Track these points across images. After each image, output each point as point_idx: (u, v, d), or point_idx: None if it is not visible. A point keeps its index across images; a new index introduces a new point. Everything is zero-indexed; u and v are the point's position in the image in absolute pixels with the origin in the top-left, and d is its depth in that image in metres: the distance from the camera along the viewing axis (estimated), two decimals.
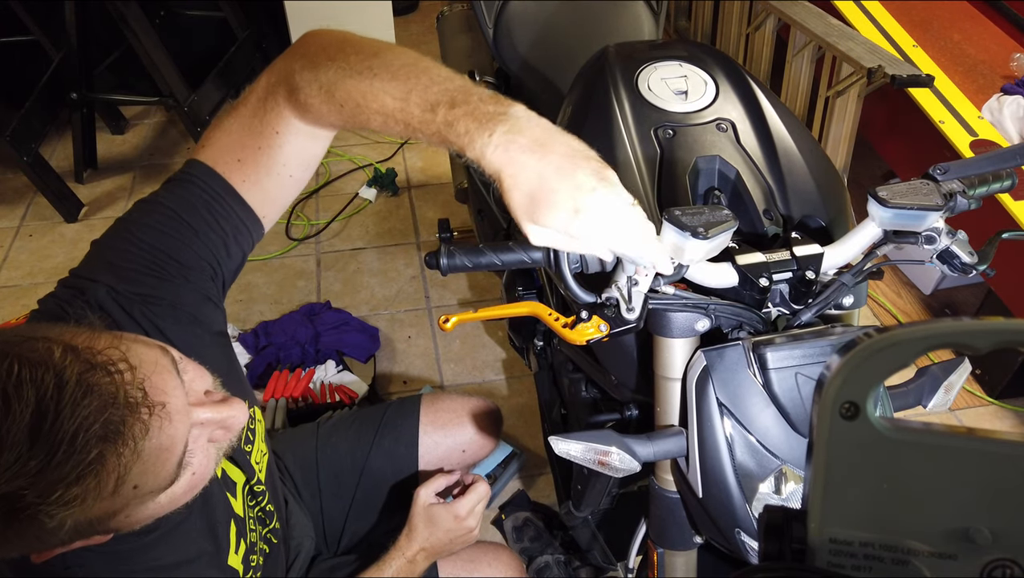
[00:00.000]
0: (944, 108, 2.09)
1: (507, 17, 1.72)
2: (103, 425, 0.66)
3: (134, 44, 2.65)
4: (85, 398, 0.65)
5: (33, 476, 0.63)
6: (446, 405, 1.48)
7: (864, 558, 0.45)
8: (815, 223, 1.06)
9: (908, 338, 0.41)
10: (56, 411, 0.64)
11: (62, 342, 0.68)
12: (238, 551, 1.02)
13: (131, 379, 0.69)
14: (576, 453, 0.96)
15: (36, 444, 0.63)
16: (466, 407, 1.47)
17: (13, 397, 0.63)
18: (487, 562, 1.32)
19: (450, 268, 0.90)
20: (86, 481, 0.65)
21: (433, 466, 1.42)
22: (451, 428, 1.44)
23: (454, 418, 1.45)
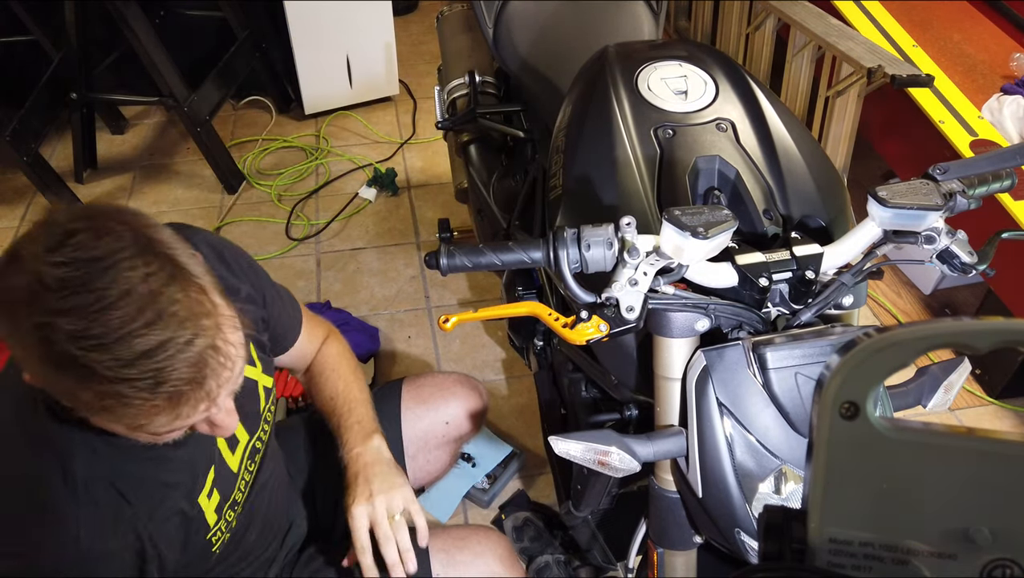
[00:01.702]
0: (944, 108, 2.09)
1: (507, 17, 1.72)
2: (192, 365, 0.79)
3: (134, 44, 2.65)
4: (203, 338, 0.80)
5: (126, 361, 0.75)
6: (428, 381, 1.48)
7: (864, 558, 0.45)
8: (815, 223, 1.06)
9: (908, 338, 0.41)
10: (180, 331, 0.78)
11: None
12: (211, 497, 1.05)
13: (237, 354, 0.84)
14: (576, 453, 0.96)
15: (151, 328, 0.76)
16: (448, 382, 1.48)
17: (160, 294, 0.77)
18: (476, 541, 1.31)
19: (450, 268, 0.90)
20: (154, 391, 0.77)
21: (417, 440, 1.42)
22: (433, 401, 1.44)
23: (436, 392, 1.45)
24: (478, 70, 1.87)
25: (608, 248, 0.89)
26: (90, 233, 0.77)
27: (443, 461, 1.47)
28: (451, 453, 1.49)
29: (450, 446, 1.47)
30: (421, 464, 1.44)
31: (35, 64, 2.90)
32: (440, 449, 1.46)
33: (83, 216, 0.78)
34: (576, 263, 0.89)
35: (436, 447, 1.45)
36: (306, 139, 3.19)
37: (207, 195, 2.93)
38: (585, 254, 0.88)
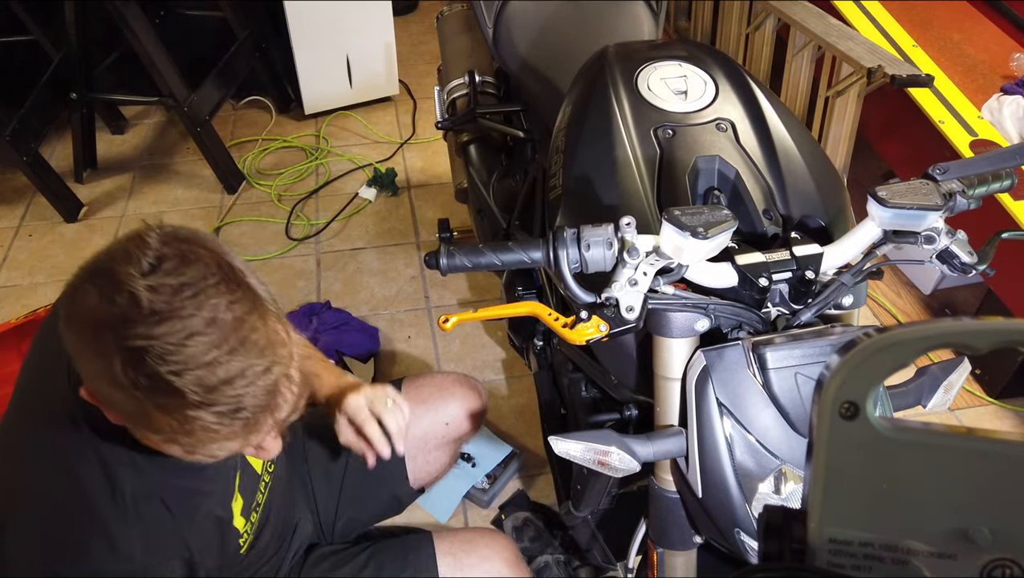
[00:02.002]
0: (944, 108, 2.09)
1: (507, 17, 1.72)
2: (268, 393, 0.81)
3: (134, 44, 2.65)
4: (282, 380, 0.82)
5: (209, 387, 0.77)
6: (427, 381, 1.48)
7: (864, 558, 0.45)
8: (815, 223, 1.06)
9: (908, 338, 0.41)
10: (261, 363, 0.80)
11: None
12: (238, 500, 1.08)
13: (301, 381, 0.86)
14: (576, 453, 0.96)
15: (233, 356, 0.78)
16: (448, 382, 1.48)
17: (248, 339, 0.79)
18: (483, 544, 1.31)
19: (450, 268, 0.90)
20: (231, 417, 0.79)
21: (417, 441, 1.42)
22: (432, 402, 1.44)
23: (435, 393, 1.45)
24: (478, 70, 1.87)
25: (608, 248, 0.89)
26: (177, 260, 0.78)
27: (443, 462, 1.47)
28: (451, 453, 1.49)
29: (450, 447, 1.47)
30: (421, 464, 1.44)
31: (35, 64, 2.90)
32: (440, 450, 1.46)
33: (172, 240, 0.80)
34: (576, 263, 0.89)
35: (436, 448, 1.45)
36: (306, 139, 3.19)
37: (207, 195, 2.93)
38: (585, 254, 0.88)
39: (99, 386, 0.81)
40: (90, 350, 0.78)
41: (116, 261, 0.78)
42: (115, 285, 0.76)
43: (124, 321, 0.75)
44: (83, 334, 0.79)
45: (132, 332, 0.75)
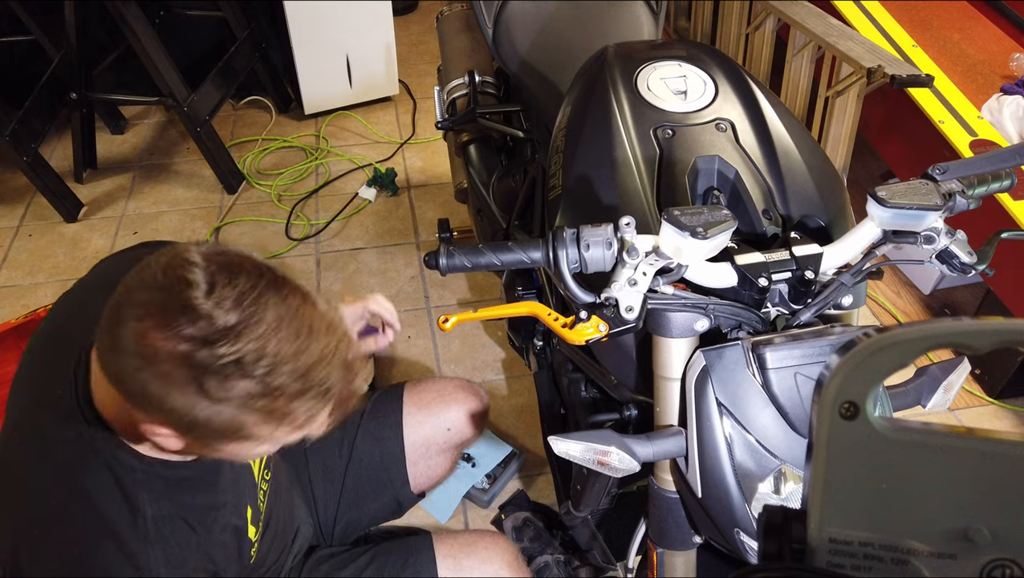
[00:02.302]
0: (944, 108, 2.09)
1: (507, 17, 1.72)
2: (345, 367, 0.86)
3: (134, 44, 2.65)
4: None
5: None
6: (430, 386, 1.49)
7: (864, 558, 0.45)
8: (814, 223, 1.06)
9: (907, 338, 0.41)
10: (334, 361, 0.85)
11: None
12: (247, 508, 1.10)
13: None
14: (575, 453, 0.96)
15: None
16: (450, 387, 1.48)
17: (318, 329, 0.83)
18: (484, 546, 1.31)
19: (449, 268, 0.90)
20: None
21: (419, 447, 1.43)
22: (435, 407, 1.45)
23: (437, 398, 1.46)
24: (478, 70, 1.87)
25: (607, 248, 0.89)
26: (226, 272, 0.80)
27: (444, 467, 1.48)
28: (452, 459, 1.49)
29: (451, 452, 1.48)
30: (422, 469, 1.45)
31: (35, 64, 2.90)
32: (441, 455, 1.46)
33: (212, 254, 0.82)
34: (575, 263, 0.89)
35: (437, 453, 1.46)
36: (306, 139, 3.19)
37: (207, 195, 2.93)
38: (584, 254, 0.88)
39: (180, 417, 0.80)
40: (175, 385, 0.78)
41: (173, 291, 0.78)
42: (183, 313, 0.77)
43: (206, 344, 0.77)
44: (163, 371, 0.78)
45: (219, 352, 0.77)
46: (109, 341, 0.81)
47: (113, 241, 2.71)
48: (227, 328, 0.77)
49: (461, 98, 1.93)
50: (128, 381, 0.81)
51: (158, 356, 0.77)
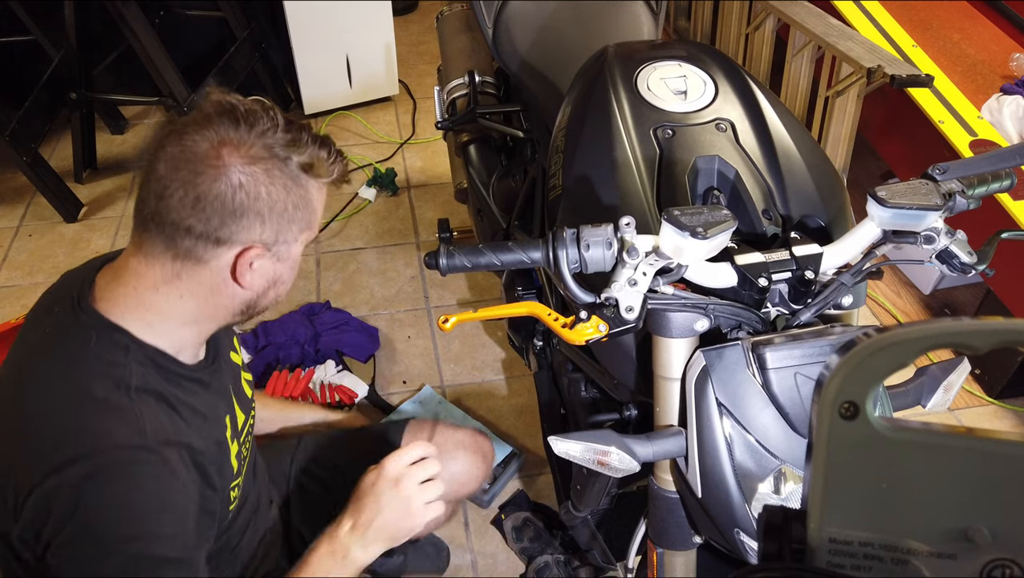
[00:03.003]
0: (944, 108, 2.09)
1: (507, 17, 1.72)
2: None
3: (134, 44, 2.65)
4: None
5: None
6: (431, 434, 1.44)
7: (864, 558, 0.45)
8: (814, 223, 1.06)
9: (907, 338, 0.41)
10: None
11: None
12: (232, 443, 1.13)
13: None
14: (575, 453, 0.96)
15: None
16: (452, 440, 1.43)
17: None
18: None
19: (449, 268, 0.90)
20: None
21: None
22: None
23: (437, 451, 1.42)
24: (478, 70, 1.87)
25: (607, 248, 0.89)
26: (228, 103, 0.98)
27: (439, 520, 1.40)
28: (449, 511, 1.44)
29: (448, 505, 1.40)
30: None
31: (35, 64, 2.90)
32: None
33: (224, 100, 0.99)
34: (575, 263, 0.89)
35: None
36: None
37: None
38: (584, 254, 0.88)
39: (276, 217, 0.98)
40: (264, 176, 0.96)
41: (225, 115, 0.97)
42: (247, 121, 0.97)
43: (272, 151, 0.97)
44: (254, 169, 0.96)
45: (283, 149, 0.98)
46: (192, 193, 0.93)
47: (113, 241, 2.71)
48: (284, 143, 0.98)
49: (461, 98, 1.93)
50: (221, 209, 0.94)
51: (244, 160, 0.95)
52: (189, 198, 0.93)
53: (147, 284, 0.98)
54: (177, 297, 0.99)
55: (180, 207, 0.93)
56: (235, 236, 0.96)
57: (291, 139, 0.98)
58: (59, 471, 0.90)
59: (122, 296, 0.99)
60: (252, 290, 1.02)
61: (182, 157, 0.93)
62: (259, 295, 1.04)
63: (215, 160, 0.93)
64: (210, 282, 0.99)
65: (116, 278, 1.01)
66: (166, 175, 0.93)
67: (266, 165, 0.96)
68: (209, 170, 0.93)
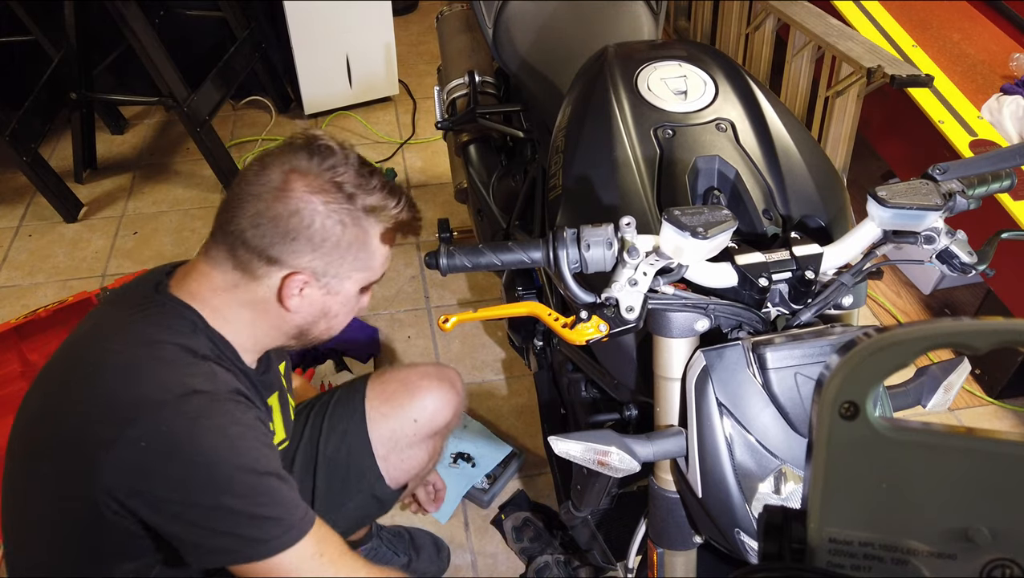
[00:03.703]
0: (944, 108, 2.09)
1: (507, 17, 1.72)
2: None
3: (134, 44, 2.65)
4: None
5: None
6: (392, 376, 1.45)
7: (864, 558, 0.45)
8: (814, 223, 1.06)
9: (907, 338, 0.41)
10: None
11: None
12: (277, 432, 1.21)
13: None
14: (576, 453, 0.96)
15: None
16: (413, 376, 1.44)
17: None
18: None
19: (450, 268, 0.90)
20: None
21: (386, 441, 1.39)
22: (398, 399, 1.41)
23: (400, 389, 1.42)
24: (478, 70, 1.87)
25: (608, 248, 0.89)
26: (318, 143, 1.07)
27: (420, 458, 1.44)
28: (429, 449, 1.45)
29: (426, 442, 1.43)
30: (395, 463, 1.41)
31: (35, 64, 2.90)
32: (414, 447, 1.42)
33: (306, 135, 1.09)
34: (576, 263, 0.89)
35: (409, 446, 1.41)
36: None
37: (207, 195, 2.93)
38: (585, 254, 0.88)
39: (328, 251, 1.05)
40: (323, 209, 1.04)
41: (301, 151, 1.06)
42: (320, 155, 1.06)
43: (351, 197, 1.06)
44: (313, 200, 1.03)
45: (359, 201, 1.06)
46: (254, 208, 1.02)
47: (113, 241, 2.71)
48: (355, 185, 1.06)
49: (461, 98, 1.93)
50: (274, 229, 1.02)
51: (307, 190, 1.03)
52: (250, 213, 1.03)
53: (211, 286, 1.07)
54: (237, 305, 1.07)
55: (242, 219, 1.03)
56: (285, 258, 1.04)
57: (360, 181, 1.06)
58: (138, 421, 0.95)
59: (194, 289, 1.07)
60: (300, 316, 1.09)
61: (256, 178, 1.04)
62: (308, 323, 1.11)
63: (281, 184, 1.02)
64: (262, 299, 1.07)
65: (187, 275, 1.09)
66: (240, 191, 1.05)
67: (327, 198, 1.03)
68: (274, 192, 1.02)
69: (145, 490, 0.96)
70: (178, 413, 0.97)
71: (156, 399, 0.97)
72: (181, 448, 0.96)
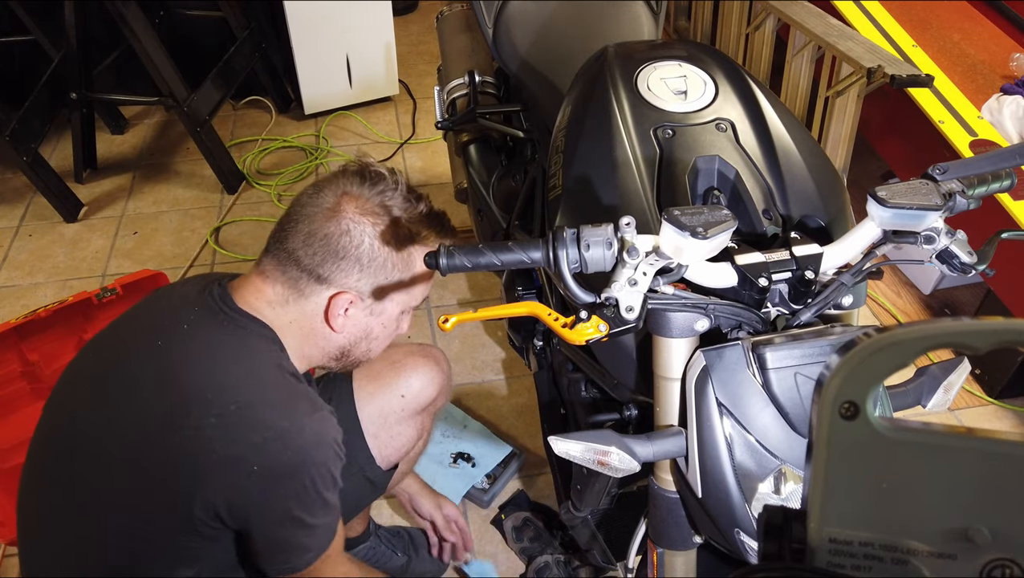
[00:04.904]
0: (944, 108, 2.09)
1: (507, 17, 1.72)
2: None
3: (134, 44, 2.65)
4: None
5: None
6: (379, 356, 1.45)
7: (864, 558, 0.45)
8: (814, 223, 1.06)
9: (907, 338, 0.41)
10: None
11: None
12: None
13: None
14: (576, 453, 0.96)
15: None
16: (398, 354, 1.47)
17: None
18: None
19: (450, 268, 0.90)
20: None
21: (375, 419, 1.41)
22: (384, 377, 1.43)
23: (387, 368, 1.45)
24: (478, 70, 1.87)
25: (607, 248, 0.89)
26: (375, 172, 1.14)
27: (409, 435, 1.45)
28: (418, 425, 1.47)
29: (414, 420, 1.45)
30: (385, 441, 1.42)
31: (35, 64, 2.90)
32: (403, 424, 1.43)
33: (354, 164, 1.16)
34: (575, 263, 0.89)
35: (397, 422, 1.43)
36: (306, 139, 3.19)
37: (207, 195, 2.93)
38: (584, 254, 0.88)
39: (375, 270, 1.11)
40: (372, 231, 1.10)
41: (355, 176, 1.13)
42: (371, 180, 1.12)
43: (396, 219, 1.12)
44: (364, 222, 1.10)
45: (407, 222, 1.13)
46: (307, 228, 1.08)
47: (113, 241, 2.71)
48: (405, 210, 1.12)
49: (461, 98, 1.93)
50: (325, 248, 1.07)
51: (360, 212, 1.09)
52: (303, 232, 1.08)
53: (265, 299, 1.12)
54: (287, 320, 1.12)
55: (295, 238, 1.09)
56: (333, 277, 1.09)
57: (407, 205, 1.12)
58: (257, 447, 1.02)
59: (253, 303, 1.12)
60: (344, 336, 1.14)
61: (310, 200, 1.10)
62: (351, 344, 1.17)
63: (334, 206, 1.09)
64: (310, 317, 1.12)
65: (242, 287, 1.14)
66: (295, 211, 1.11)
67: (375, 220, 1.10)
68: (327, 212, 1.08)
69: (246, 506, 1.05)
70: (292, 445, 1.04)
71: (276, 426, 1.03)
72: (294, 475, 1.04)
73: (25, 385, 1.83)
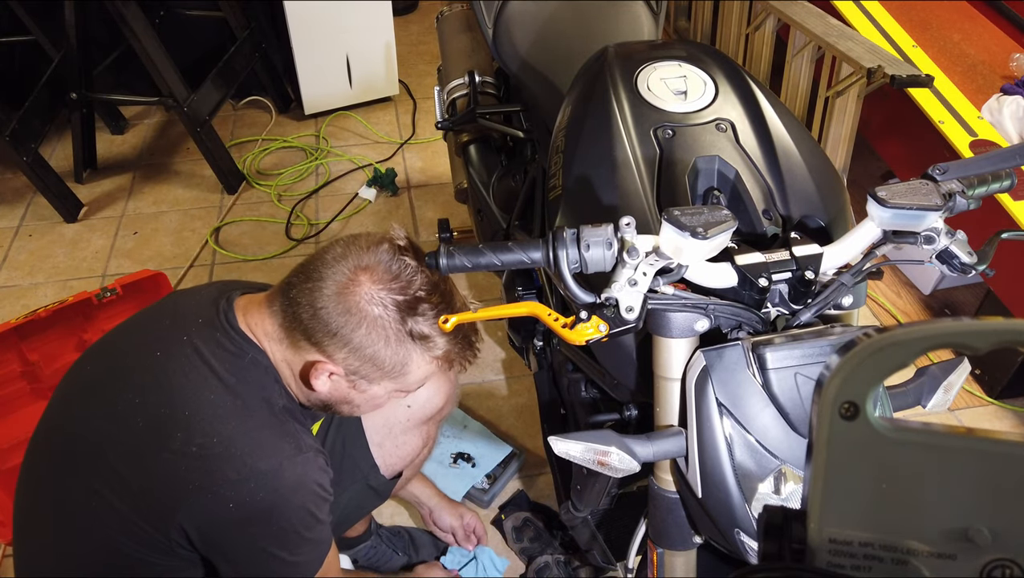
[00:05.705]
0: (944, 108, 2.09)
1: (507, 17, 1.72)
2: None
3: (134, 44, 2.65)
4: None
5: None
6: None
7: (864, 558, 0.45)
8: (814, 223, 1.06)
9: (907, 338, 0.41)
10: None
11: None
12: None
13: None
14: (576, 453, 0.96)
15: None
16: None
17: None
18: None
19: (450, 268, 0.90)
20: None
21: (380, 428, 1.41)
22: None
23: None
24: (478, 70, 1.87)
25: (607, 248, 0.89)
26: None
27: (414, 444, 1.45)
28: (424, 434, 1.46)
29: (420, 428, 1.44)
30: (390, 450, 1.42)
31: (35, 64, 2.90)
32: (408, 433, 1.43)
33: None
34: (575, 263, 0.89)
35: (403, 432, 1.42)
36: (306, 139, 3.19)
37: (207, 195, 2.93)
38: (584, 254, 0.88)
39: (364, 358, 1.08)
40: (375, 325, 1.06)
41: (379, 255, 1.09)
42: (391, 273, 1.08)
43: (402, 314, 1.07)
44: (368, 312, 1.06)
45: (413, 316, 1.08)
46: (314, 289, 1.06)
47: (113, 241, 2.71)
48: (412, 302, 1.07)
49: (461, 98, 1.93)
50: (325, 319, 1.05)
51: (369, 300, 1.05)
52: (311, 293, 1.07)
53: (263, 330, 1.12)
54: (280, 357, 1.12)
55: (302, 293, 1.07)
56: (323, 345, 1.08)
57: (418, 304, 1.08)
58: (232, 483, 1.03)
59: (255, 329, 1.13)
60: (322, 394, 1.13)
61: (334, 261, 1.07)
62: (333, 403, 1.16)
63: (346, 281, 1.06)
64: (299, 364, 1.11)
65: (248, 310, 1.14)
66: (315, 265, 1.08)
67: (380, 312, 1.06)
68: (338, 283, 1.06)
69: (219, 541, 1.06)
70: (269, 487, 1.04)
71: (254, 467, 1.04)
72: (270, 517, 1.06)
73: (25, 385, 1.83)
